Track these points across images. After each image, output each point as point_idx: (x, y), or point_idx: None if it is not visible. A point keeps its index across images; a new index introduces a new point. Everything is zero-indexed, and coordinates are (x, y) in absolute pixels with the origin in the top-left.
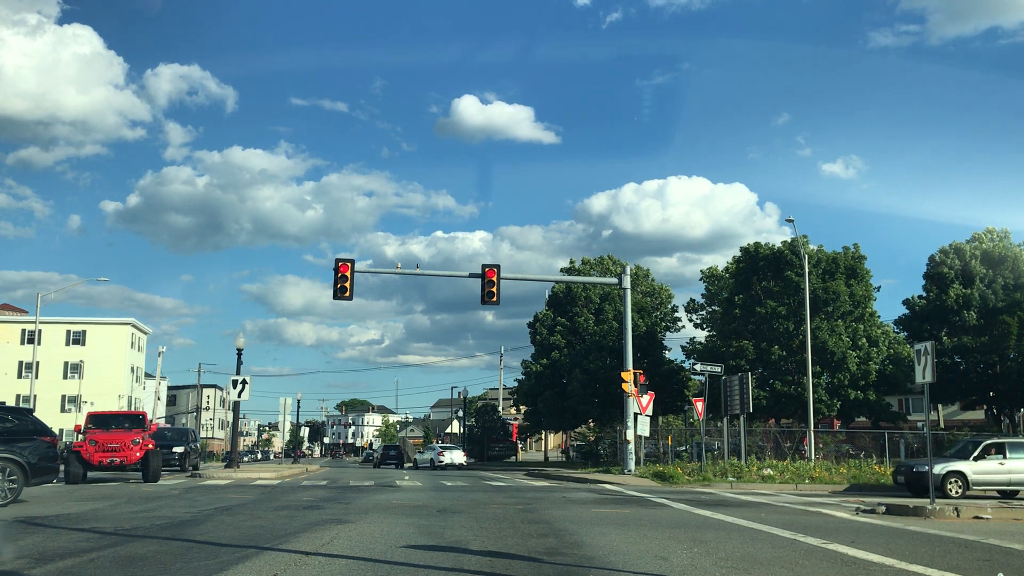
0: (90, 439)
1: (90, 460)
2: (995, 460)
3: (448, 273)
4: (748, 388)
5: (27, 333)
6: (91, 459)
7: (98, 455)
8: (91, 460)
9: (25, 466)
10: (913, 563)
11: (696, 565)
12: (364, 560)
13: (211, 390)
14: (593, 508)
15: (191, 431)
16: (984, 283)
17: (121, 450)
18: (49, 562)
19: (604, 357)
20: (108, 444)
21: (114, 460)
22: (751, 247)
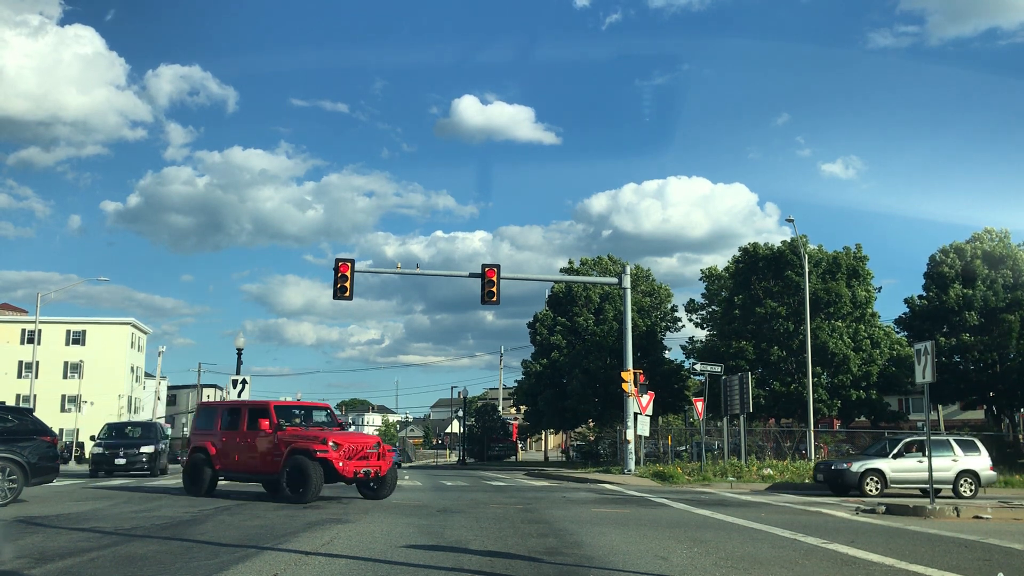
0: (332, 441)
1: (344, 473)
2: (914, 458)
3: (448, 273)
4: (748, 388)
5: (27, 333)
6: (345, 471)
7: (352, 465)
8: (345, 473)
9: (25, 466)
10: (913, 563)
11: (696, 565)
12: (364, 560)
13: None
14: (593, 508)
15: (158, 426)
16: (985, 283)
17: (369, 458)
18: (49, 562)
19: (604, 357)
20: (358, 451)
21: (368, 471)
22: (751, 247)
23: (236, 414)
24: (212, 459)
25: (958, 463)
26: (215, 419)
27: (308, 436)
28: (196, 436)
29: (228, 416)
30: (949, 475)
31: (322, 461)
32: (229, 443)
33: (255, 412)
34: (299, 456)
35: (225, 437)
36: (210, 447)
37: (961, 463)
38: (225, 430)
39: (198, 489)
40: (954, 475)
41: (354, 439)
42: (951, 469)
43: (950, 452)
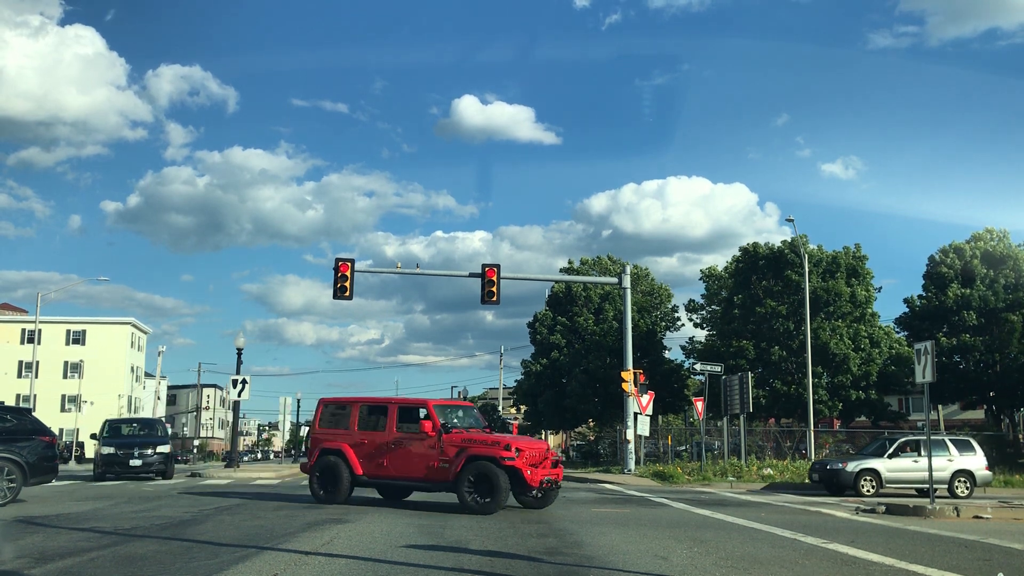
0: (515, 447)
1: (531, 482)
2: (909, 458)
3: (448, 273)
4: (748, 388)
5: (27, 333)
6: (532, 480)
7: (538, 473)
8: (532, 482)
9: (24, 466)
10: (913, 563)
11: (696, 565)
12: (364, 560)
13: (211, 390)
14: (593, 508)
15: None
16: (984, 283)
17: (546, 465)
18: (49, 562)
19: (604, 357)
20: (537, 458)
21: (550, 480)
22: (751, 247)
23: (380, 412)
24: (350, 463)
25: (954, 463)
26: (349, 418)
27: (487, 441)
28: (323, 436)
29: (368, 414)
30: (945, 475)
31: (509, 469)
32: (373, 445)
33: (408, 411)
34: (482, 463)
35: (366, 438)
36: (347, 449)
37: (956, 463)
38: (366, 430)
39: (334, 496)
40: (949, 475)
41: (530, 445)
42: (947, 469)
43: (946, 452)
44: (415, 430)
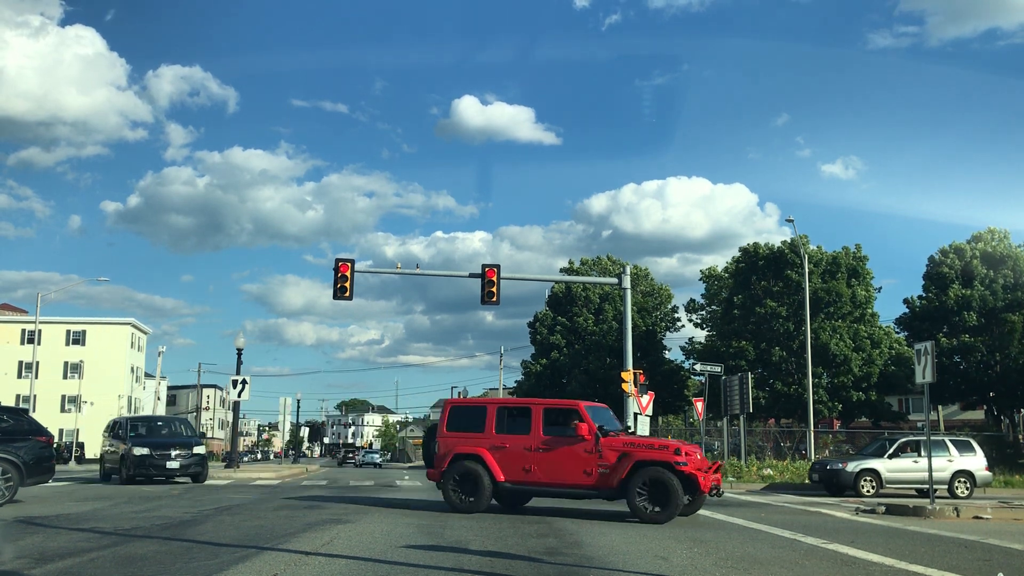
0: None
1: (704, 487)
2: (910, 458)
3: (448, 273)
4: (748, 388)
5: (27, 333)
6: (705, 485)
7: (709, 478)
8: (704, 487)
9: (21, 466)
10: (913, 563)
11: (696, 565)
12: (364, 560)
13: (211, 390)
14: (593, 508)
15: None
16: (984, 283)
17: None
18: (49, 562)
19: (604, 357)
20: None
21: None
22: (750, 247)
23: (522, 415)
24: (490, 468)
25: (953, 463)
26: (484, 420)
27: (652, 445)
28: (454, 441)
29: (508, 417)
30: (945, 475)
31: (684, 475)
32: (515, 450)
33: (555, 413)
34: (654, 468)
35: (507, 442)
36: (486, 454)
37: (956, 463)
38: (506, 434)
39: (475, 504)
40: (949, 475)
41: (691, 448)
42: (947, 469)
43: (946, 452)
44: (565, 433)
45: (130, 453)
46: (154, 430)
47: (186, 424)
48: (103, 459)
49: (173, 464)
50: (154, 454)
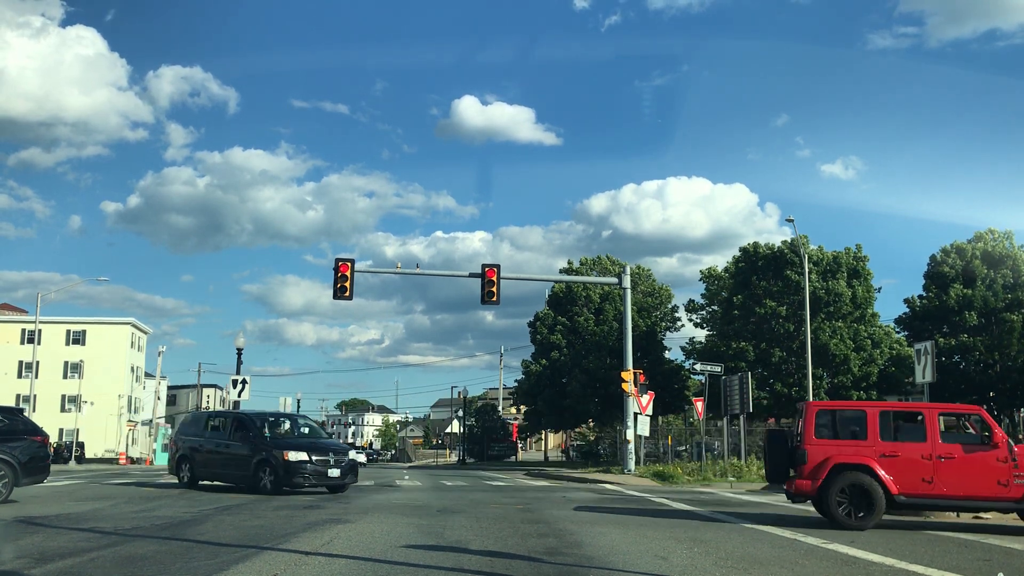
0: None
1: None
2: None
3: (448, 273)
4: (748, 388)
5: (27, 333)
6: None
7: None
8: None
9: (16, 466)
10: (913, 563)
11: (696, 565)
12: (364, 560)
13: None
14: (593, 508)
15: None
16: (985, 283)
17: None
18: (49, 562)
19: (604, 357)
20: None
21: None
22: (750, 247)
23: (911, 420)
24: (882, 480)
25: None
26: (865, 426)
27: None
28: (829, 449)
29: (895, 422)
30: None
31: None
32: (908, 459)
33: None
34: None
35: (899, 450)
36: (873, 464)
37: None
38: (895, 441)
39: (867, 519)
40: None
41: None
42: None
43: None
44: (971, 440)
45: (280, 458)
46: (304, 432)
47: (309, 423)
48: (188, 459)
49: (335, 472)
50: (313, 459)
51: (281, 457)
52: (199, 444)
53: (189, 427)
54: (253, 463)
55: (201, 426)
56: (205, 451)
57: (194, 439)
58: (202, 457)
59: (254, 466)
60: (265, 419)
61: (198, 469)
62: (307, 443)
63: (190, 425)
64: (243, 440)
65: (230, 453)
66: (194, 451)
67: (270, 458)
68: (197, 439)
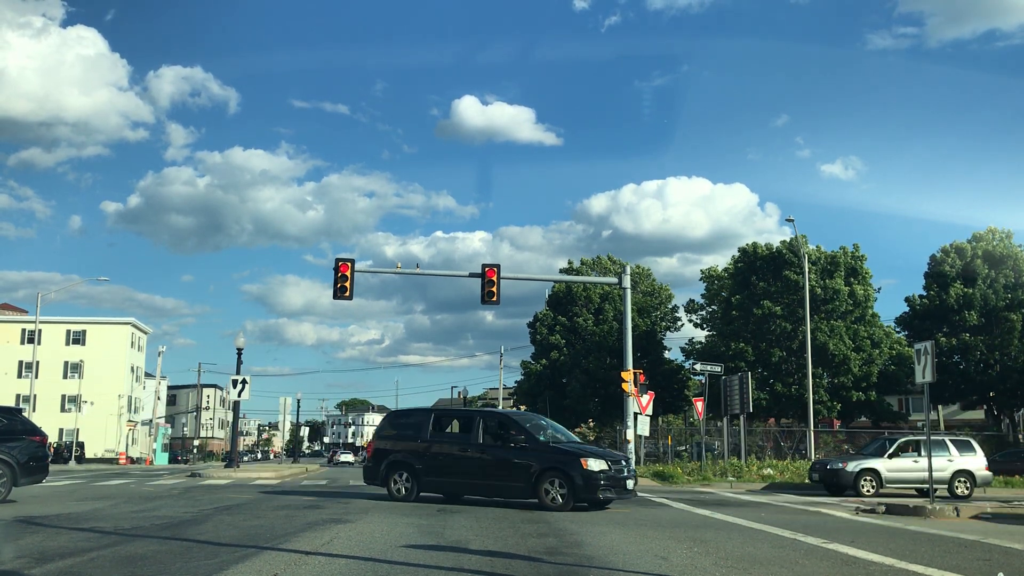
0: None
1: None
2: (910, 458)
3: (448, 273)
4: (748, 388)
5: (27, 333)
6: None
7: None
8: None
9: (14, 466)
10: (913, 563)
11: (696, 565)
12: (364, 560)
13: (211, 390)
14: (593, 508)
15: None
16: (985, 283)
17: None
18: (49, 562)
19: (604, 357)
20: None
21: None
22: (749, 247)
23: None
24: None
25: (954, 463)
26: None
27: None
28: None
29: None
30: (945, 475)
31: None
32: None
33: None
34: None
35: None
36: None
37: (957, 463)
38: None
39: None
40: (950, 475)
41: None
42: (947, 469)
43: (946, 452)
44: None
45: (579, 466)
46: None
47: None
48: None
49: (630, 482)
50: (612, 468)
51: (580, 465)
52: (425, 448)
53: (401, 427)
54: (534, 472)
55: (424, 425)
56: (440, 456)
57: (412, 442)
58: (434, 464)
59: (536, 476)
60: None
61: (425, 478)
62: (596, 449)
63: (402, 424)
64: (512, 444)
65: (488, 459)
66: (417, 456)
67: (562, 466)
68: (418, 441)
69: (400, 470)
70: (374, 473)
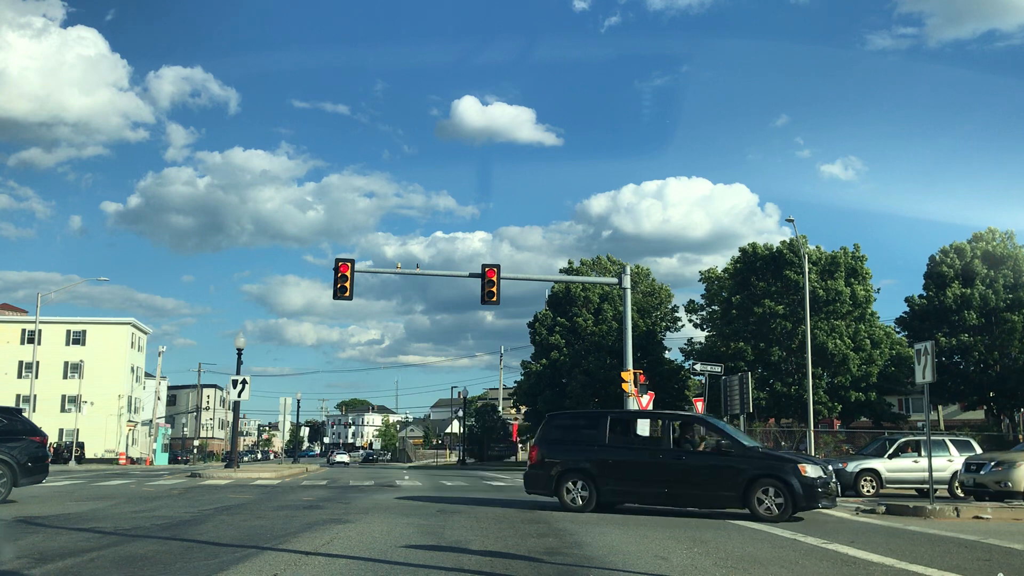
0: None
1: None
2: (910, 458)
3: (448, 273)
4: (748, 388)
5: (27, 333)
6: None
7: None
8: None
9: (14, 466)
10: (913, 563)
11: (696, 565)
12: (364, 560)
13: (211, 390)
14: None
15: None
16: (984, 283)
17: None
18: (49, 562)
19: (604, 357)
20: None
21: None
22: (749, 247)
23: None
24: None
25: (954, 463)
26: None
27: None
28: None
29: None
30: (945, 475)
31: None
32: None
33: None
34: None
35: None
36: None
37: (956, 463)
38: None
39: None
40: (950, 475)
41: None
42: (947, 469)
43: (946, 452)
44: None
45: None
46: None
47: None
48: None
49: (836, 489)
50: (826, 474)
51: (799, 472)
52: (604, 452)
53: (570, 429)
54: (743, 480)
55: (601, 428)
56: (623, 463)
57: (587, 446)
58: (617, 471)
59: (746, 484)
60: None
61: (605, 487)
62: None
63: (571, 427)
64: (714, 449)
65: (686, 465)
66: (595, 462)
67: (778, 473)
68: (595, 446)
69: (575, 477)
70: (541, 481)
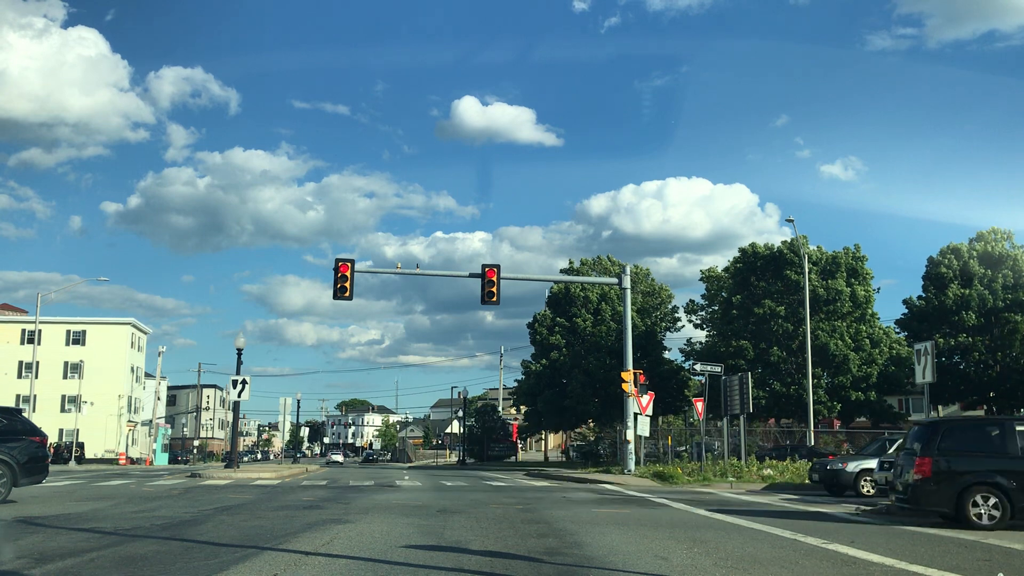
0: None
1: None
2: None
3: (448, 273)
4: (748, 388)
5: (27, 333)
6: None
7: None
8: None
9: (14, 466)
10: (913, 563)
11: (696, 565)
12: (364, 560)
13: (211, 390)
14: (593, 508)
15: None
16: (983, 284)
17: None
18: (49, 562)
19: (604, 357)
20: None
21: None
22: (749, 248)
23: None
24: None
25: None
26: None
27: None
28: None
29: None
30: None
31: None
32: None
33: None
34: None
35: None
36: None
37: None
38: None
39: None
40: None
41: None
42: None
43: None
44: None
45: None
46: None
47: None
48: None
49: None
50: None
51: None
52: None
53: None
54: None
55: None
56: None
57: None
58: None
59: None
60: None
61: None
62: None
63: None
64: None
65: None
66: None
67: None
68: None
69: (985, 493)
70: (939, 497)
